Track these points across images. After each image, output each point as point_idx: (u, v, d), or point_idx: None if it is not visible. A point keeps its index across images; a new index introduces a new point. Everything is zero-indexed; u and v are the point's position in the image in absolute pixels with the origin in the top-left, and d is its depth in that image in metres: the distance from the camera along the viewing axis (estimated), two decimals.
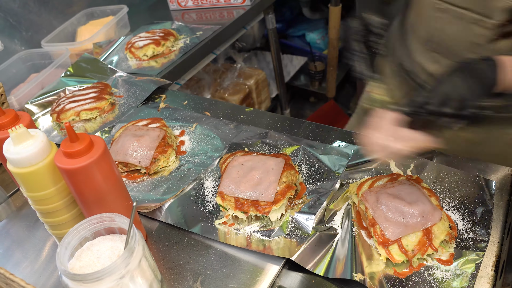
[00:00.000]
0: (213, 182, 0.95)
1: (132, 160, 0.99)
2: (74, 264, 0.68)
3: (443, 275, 0.72)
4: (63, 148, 0.67)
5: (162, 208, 0.90)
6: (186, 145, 1.08)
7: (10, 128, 0.79)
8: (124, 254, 0.63)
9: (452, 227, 0.78)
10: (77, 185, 0.69)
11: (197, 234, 0.85)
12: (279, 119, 1.13)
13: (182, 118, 1.17)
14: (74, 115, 1.22)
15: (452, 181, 0.87)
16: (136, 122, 1.12)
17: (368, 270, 0.74)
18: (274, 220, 0.83)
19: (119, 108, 1.26)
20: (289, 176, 0.88)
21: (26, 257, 0.88)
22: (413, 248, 0.73)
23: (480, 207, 0.81)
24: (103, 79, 1.40)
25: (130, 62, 1.52)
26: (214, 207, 0.89)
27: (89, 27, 1.74)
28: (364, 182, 0.85)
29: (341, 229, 0.81)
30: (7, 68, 1.47)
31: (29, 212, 0.97)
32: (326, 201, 0.86)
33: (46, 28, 1.68)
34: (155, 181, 0.98)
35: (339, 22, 2.36)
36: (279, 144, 1.02)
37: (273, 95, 2.46)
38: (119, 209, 0.74)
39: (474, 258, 0.73)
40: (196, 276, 0.77)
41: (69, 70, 1.43)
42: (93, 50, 1.59)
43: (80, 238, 0.69)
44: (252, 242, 0.81)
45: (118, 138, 1.04)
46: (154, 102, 1.27)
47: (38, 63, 1.54)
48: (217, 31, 1.63)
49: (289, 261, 0.78)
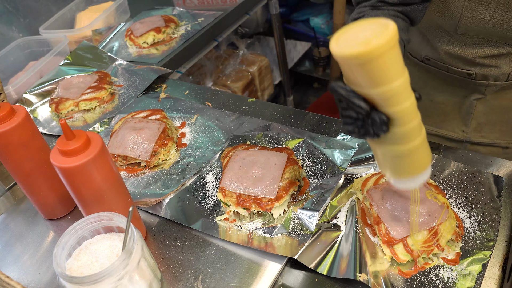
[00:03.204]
0: (214, 177, 0.93)
1: (132, 154, 0.97)
2: (72, 264, 0.66)
3: (449, 275, 0.70)
4: (59, 146, 0.65)
5: (162, 203, 0.89)
6: (187, 137, 1.06)
7: (5, 122, 0.77)
8: (122, 255, 0.61)
9: (459, 226, 0.76)
10: (74, 184, 0.67)
11: (197, 231, 0.83)
12: (282, 110, 1.10)
13: (183, 109, 1.14)
14: (73, 106, 1.20)
15: (459, 177, 0.85)
16: (136, 113, 1.09)
17: (372, 269, 0.72)
18: (276, 217, 0.82)
19: (119, 98, 1.24)
20: (292, 171, 0.85)
21: (25, 252, 0.87)
22: (419, 247, 0.71)
23: (488, 204, 0.79)
24: (102, 67, 1.38)
25: (130, 49, 1.48)
26: (215, 202, 0.88)
27: (88, 13, 1.70)
28: (369, 178, 0.83)
29: (345, 226, 0.80)
30: (5, 55, 1.44)
31: (28, 206, 0.96)
32: (329, 198, 0.84)
33: (44, 14, 1.64)
34: (155, 175, 0.96)
35: (344, 6, 2.30)
36: (282, 136, 1.00)
37: (276, 81, 2.42)
38: (118, 207, 0.73)
39: (481, 257, 0.71)
40: (197, 274, 0.76)
41: (68, 58, 1.40)
42: (92, 37, 1.56)
43: (78, 237, 0.67)
44: (254, 239, 0.80)
45: (117, 131, 1.02)
46: (155, 92, 1.25)
47: (36, 51, 1.51)
48: (219, 17, 1.59)
49: (292, 258, 0.76)
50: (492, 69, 0.96)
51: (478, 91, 1.02)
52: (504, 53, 0.93)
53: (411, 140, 0.58)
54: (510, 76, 0.96)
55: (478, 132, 1.08)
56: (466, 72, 0.99)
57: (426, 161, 0.62)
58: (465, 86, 1.03)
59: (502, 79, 0.97)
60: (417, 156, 0.60)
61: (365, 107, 0.56)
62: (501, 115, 1.05)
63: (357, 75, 0.54)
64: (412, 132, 0.58)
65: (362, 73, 0.53)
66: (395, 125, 0.57)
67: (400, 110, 0.55)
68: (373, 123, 0.57)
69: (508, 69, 0.95)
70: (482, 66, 0.97)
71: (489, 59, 0.95)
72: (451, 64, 1.01)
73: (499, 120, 1.06)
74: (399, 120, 0.56)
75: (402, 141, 0.58)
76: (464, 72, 0.99)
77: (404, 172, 0.63)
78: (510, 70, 0.95)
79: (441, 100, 1.10)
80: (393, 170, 0.64)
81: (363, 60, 0.51)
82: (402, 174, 0.63)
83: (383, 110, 0.56)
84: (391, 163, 0.63)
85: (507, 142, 1.07)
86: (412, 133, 0.58)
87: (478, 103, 1.04)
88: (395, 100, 0.54)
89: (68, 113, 1.20)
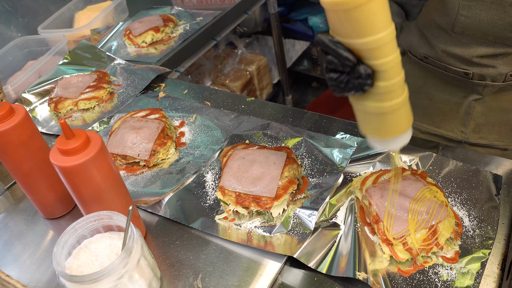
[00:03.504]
0: (213, 176, 0.93)
1: (131, 153, 0.97)
2: (71, 263, 0.66)
3: (448, 273, 0.70)
4: (58, 145, 0.65)
5: (161, 202, 0.89)
6: (186, 137, 1.06)
7: (4, 121, 0.77)
8: (122, 254, 0.61)
9: (458, 224, 0.76)
10: (74, 183, 0.67)
11: (197, 230, 0.83)
12: (281, 109, 1.10)
13: (182, 108, 1.14)
14: (72, 105, 1.20)
15: (458, 175, 0.85)
16: (135, 112, 1.09)
17: (371, 267, 0.73)
18: (275, 215, 0.82)
19: (118, 98, 1.24)
20: (291, 170, 0.86)
21: (24, 251, 0.86)
22: (418, 246, 0.71)
23: (486, 203, 0.79)
24: (101, 67, 1.38)
25: (128, 49, 1.48)
26: (215, 201, 0.88)
27: (87, 12, 1.70)
28: (368, 177, 0.83)
29: (344, 224, 0.80)
30: (4, 55, 1.44)
31: (27, 206, 0.95)
32: (329, 196, 0.84)
33: (43, 13, 1.64)
34: (155, 174, 0.96)
35: None
36: (281, 136, 1.00)
37: (275, 80, 2.42)
38: (118, 206, 0.73)
39: (480, 256, 0.72)
40: (196, 273, 0.76)
41: (66, 57, 1.40)
42: (91, 36, 1.56)
43: (78, 236, 0.67)
44: (253, 238, 0.80)
45: (116, 130, 1.02)
46: (154, 91, 1.25)
47: (35, 50, 1.51)
48: (218, 17, 1.59)
49: (291, 257, 0.76)
50: (489, 69, 0.96)
51: (476, 91, 1.02)
52: (500, 53, 0.93)
53: (394, 97, 0.60)
54: (507, 76, 0.96)
55: (477, 133, 1.08)
56: (464, 72, 0.99)
57: (407, 122, 0.64)
58: (463, 86, 1.03)
59: (500, 80, 0.97)
60: (398, 115, 0.62)
61: (352, 58, 0.57)
62: (500, 117, 1.05)
63: (344, 24, 0.55)
64: (395, 88, 0.59)
65: (349, 21, 0.54)
66: (379, 79, 0.58)
67: (385, 63, 0.57)
68: (359, 76, 0.58)
69: (505, 70, 0.95)
70: (479, 66, 0.97)
71: (486, 59, 0.95)
72: (448, 63, 1.01)
73: (497, 122, 1.06)
74: (384, 73, 0.58)
75: (385, 98, 0.60)
76: (461, 72, 0.99)
77: (384, 132, 0.64)
78: (507, 70, 0.95)
79: (440, 100, 1.10)
80: (374, 129, 0.65)
81: (351, 5, 0.52)
82: (382, 133, 0.65)
83: (369, 63, 0.57)
84: (373, 122, 0.64)
85: (505, 143, 1.07)
86: (395, 89, 0.59)
87: (477, 104, 1.04)
88: (380, 52, 0.56)
89: (67, 113, 1.20)
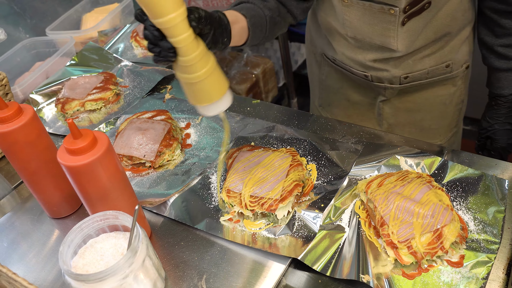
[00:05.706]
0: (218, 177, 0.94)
1: (137, 154, 0.97)
2: (77, 262, 0.67)
3: (452, 278, 0.70)
4: (66, 145, 0.66)
5: (166, 203, 0.89)
6: (191, 138, 1.06)
7: (13, 121, 0.78)
8: (127, 254, 0.62)
9: (463, 228, 0.76)
10: (81, 182, 0.68)
11: (202, 231, 0.84)
12: (286, 112, 1.11)
13: (188, 110, 1.15)
14: (79, 106, 1.21)
15: (463, 179, 0.85)
16: (141, 114, 1.10)
17: (375, 270, 0.73)
18: (280, 217, 0.82)
19: (124, 99, 1.25)
20: (296, 172, 0.86)
21: (30, 250, 0.87)
22: (423, 249, 0.71)
23: (492, 207, 0.79)
24: (108, 68, 1.39)
25: (135, 51, 1.49)
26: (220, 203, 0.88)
27: (94, 14, 1.71)
28: (373, 180, 0.83)
29: (349, 227, 0.80)
30: (12, 56, 1.45)
31: (33, 205, 0.96)
32: (333, 199, 0.84)
33: (50, 15, 1.66)
34: (160, 175, 0.97)
35: None
36: (286, 138, 1.00)
37: (281, 84, 2.43)
38: (123, 206, 0.73)
39: (485, 260, 0.71)
40: (201, 274, 0.77)
41: (74, 59, 1.41)
42: (98, 38, 1.57)
43: (84, 235, 0.68)
44: (258, 240, 0.80)
45: (123, 131, 1.03)
46: (160, 93, 1.25)
47: (42, 51, 1.52)
48: None
49: (295, 259, 0.76)
50: (384, 72, 0.99)
51: (380, 93, 1.05)
52: (388, 57, 0.95)
53: (196, 70, 0.70)
54: (401, 79, 0.99)
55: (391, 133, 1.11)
56: (364, 74, 1.02)
57: (217, 91, 0.74)
58: (369, 88, 1.07)
59: (396, 83, 1.00)
60: (205, 85, 0.72)
61: (157, 34, 0.67)
62: (408, 117, 1.09)
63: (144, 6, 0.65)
64: (195, 62, 0.69)
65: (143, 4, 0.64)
66: (180, 54, 0.69)
67: (179, 41, 0.67)
68: (163, 48, 0.68)
69: (398, 73, 0.98)
70: (374, 69, 0.99)
71: (378, 63, 0.98)
72: (350, 65, 1.04)
73: (407, 122, 1.10)
74: (181, 49, 0.68)
75: (189, 70, 0.70)
76: (362, 74, 1.02)
77: (200, 99, 0.75)
78: (399, 73, 0.98)
79: (356, 100, 1.14)
80: (191, 97, 0.76)
81: None
82: (198, 100, 0.75)
83: (170, 40, 0.67)
84: (189, 91, 0.75)
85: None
86: (194, 63, 0.69)
87: (384, 105, 1.08)
88: (173, 31, 0.66)
89: (74, 113, 1.21)
